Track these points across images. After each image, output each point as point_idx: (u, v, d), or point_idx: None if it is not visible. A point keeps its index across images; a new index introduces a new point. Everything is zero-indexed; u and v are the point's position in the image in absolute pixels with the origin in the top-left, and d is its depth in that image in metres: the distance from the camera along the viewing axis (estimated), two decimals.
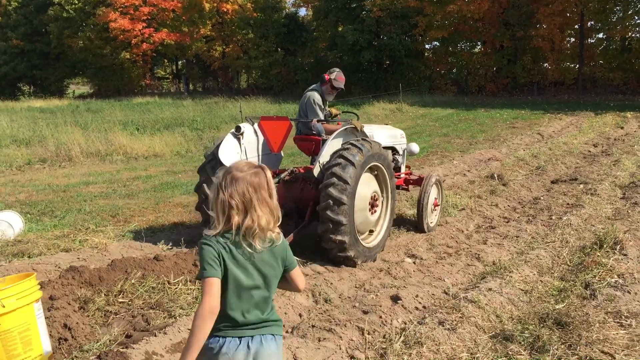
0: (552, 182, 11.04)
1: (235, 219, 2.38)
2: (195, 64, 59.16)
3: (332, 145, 6.36)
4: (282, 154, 7.27)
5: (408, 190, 8.58)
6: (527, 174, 11.84)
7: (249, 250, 2.41)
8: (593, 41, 39.49)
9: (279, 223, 2.52)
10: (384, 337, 4.41)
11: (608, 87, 36.79)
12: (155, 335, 4.10)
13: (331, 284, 5.54)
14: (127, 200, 9.79)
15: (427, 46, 44.64)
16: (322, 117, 7.13)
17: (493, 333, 4.44)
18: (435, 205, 7.77)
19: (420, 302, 5.06)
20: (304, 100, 7.24)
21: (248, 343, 2.42)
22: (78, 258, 6.19)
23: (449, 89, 40.50)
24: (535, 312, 4.82)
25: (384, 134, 7.58)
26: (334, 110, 7.54)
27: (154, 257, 5.76)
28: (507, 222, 8.36)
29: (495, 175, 11.00)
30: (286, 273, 2.59)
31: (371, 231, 6.60)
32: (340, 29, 43.09)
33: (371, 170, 6.45)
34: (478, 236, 7.57)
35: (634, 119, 21.99)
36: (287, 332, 4.46)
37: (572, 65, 39.56)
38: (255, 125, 6.91)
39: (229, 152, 6.37)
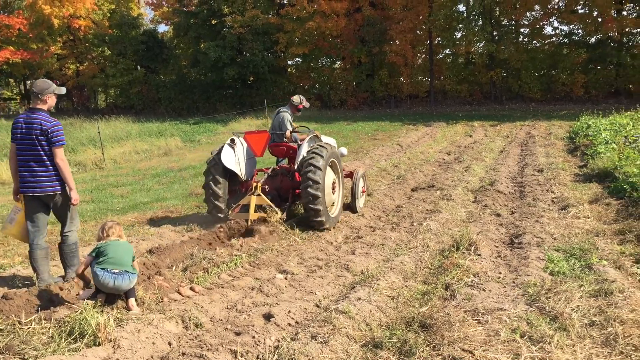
0: (412, 190, 11.65)
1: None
2: None
3: (304, 147, 9.24)
4: (255, 159, 9.71)
5: None
6: (389, 184, 12.38)
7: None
8: (441, 56, 42.48)
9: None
10: (257, 357, 4.34)
11: (457, 98, 39.71)
12: None
13: (202, 307, 5.36)
14: None
15: (289, 62, 45.41)
16: (291, 129, 9.72)
17: (364, 342, 4.54)
18: (363, 191, 10.17)
19: (293, 318, 5.05)
20: (279, 118, 9.76)
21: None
22: None
23: (313, 103, 41.39)
24: (402, 317, 5.01)
25: (325, 140, 9.92)
26: (294, 125, 10.14)
27: (2, 296, 5.24)
28: (373, 231, 8.67)
29: None
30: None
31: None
32: (202, 45, 42.53)
33: (330, 165, 8.98)
34: (346, 247, 7.77)
35: (481, 128, 23.93)
36: None
37: (425, 79, 42.24)
38: (241, 138, 9.38)
39: (228, 157, 8.89)
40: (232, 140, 9.14)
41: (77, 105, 53.96)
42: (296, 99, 10.03)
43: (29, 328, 4.77)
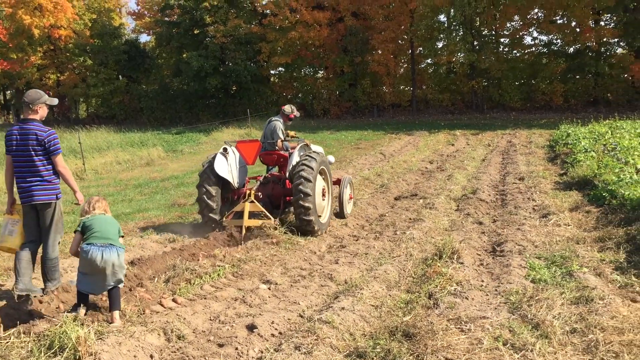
0: (396, 199, 11.69)
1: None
2: None
3: (295, 156, 9.51)
4: (247, 167, 9.98)
5: None
6: (372, 192, 12.42)
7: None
8: (423, 66, 42.77)
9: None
10: None
11: (439, 107, 39.97)
12: None
13: (184, 319, 5.32)
14: None
15: (272, 72, 45.37)
16: (282, 138, 9.93)
17: (347, 352, 4.53)
18: (350, 197, 10.46)
19: (276, 329, 5.02)
20: (271, 127, 10.00)
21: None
22: None
23: None
24: (385, 326, 5.01)
25: (314, 149, 10.21)
26: (291, 133, 10.40)
27: None
28: (357, 240, 8.67)
29: None
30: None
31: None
32: (184, 55, 42.37)
33: (320, 172, 9.25)
34: (330, 256, 7.76)
35: (462, 137, 24.12)
36: None
37: (407, 89, 42.47)
38: (233, 147, 9.67)
39: (221, 165, 9.16)
40: (225, 149, 9.44)
41: (58, 116, 53.29)
42: (287, 108, 10.36)
43: (7, 342, 4.69)
